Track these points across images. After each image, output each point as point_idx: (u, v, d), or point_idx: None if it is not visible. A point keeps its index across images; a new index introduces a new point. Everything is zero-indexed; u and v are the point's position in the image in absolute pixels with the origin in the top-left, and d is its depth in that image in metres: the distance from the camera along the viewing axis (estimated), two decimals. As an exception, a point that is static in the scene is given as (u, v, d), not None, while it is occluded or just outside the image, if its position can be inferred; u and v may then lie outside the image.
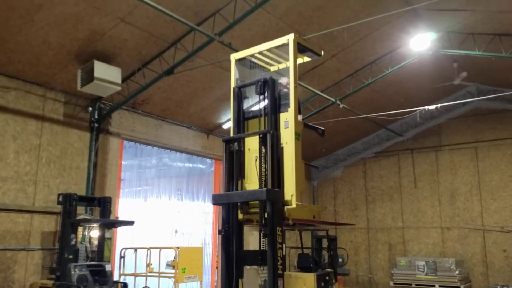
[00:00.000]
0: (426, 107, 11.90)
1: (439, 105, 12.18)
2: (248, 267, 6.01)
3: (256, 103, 6.16)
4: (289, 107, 5.81)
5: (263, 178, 5.65)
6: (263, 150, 5.65)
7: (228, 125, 12.14)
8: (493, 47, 10.39)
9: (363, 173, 16.69)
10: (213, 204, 6.00)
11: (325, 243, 13.88)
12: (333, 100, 12.18)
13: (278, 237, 5.46)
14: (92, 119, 9.95)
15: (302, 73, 10.76)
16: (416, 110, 12.25)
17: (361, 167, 16.78)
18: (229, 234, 5.93)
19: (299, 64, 6.17)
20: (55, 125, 9.29)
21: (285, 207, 5.61)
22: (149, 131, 11.18)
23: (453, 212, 14.59)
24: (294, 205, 5.58)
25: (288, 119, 5.81)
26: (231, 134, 6.12)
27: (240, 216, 5.91)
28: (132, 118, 10.79)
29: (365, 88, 12.17)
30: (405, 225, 15.44)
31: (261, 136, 5.72)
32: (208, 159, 13.35)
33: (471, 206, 14.31)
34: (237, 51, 9.02)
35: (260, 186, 5.75)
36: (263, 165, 5.62)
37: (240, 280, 5.79)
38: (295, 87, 5.83)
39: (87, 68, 8.67)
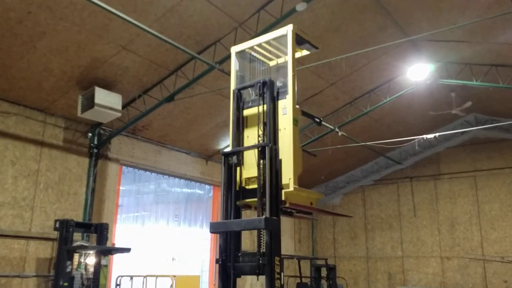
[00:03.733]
0: (424, 136, 11.95)
1: (437, 134, 12.23)
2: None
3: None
4: (287, 94, 5.91)
5: (261, 192, 5.62)
6: (261, 163, 5.66)
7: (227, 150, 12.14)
8: (490, 78, 10.51)
9: (362, 200, 16.63)
10: (211, 232, 5.94)
11: (324, 272, 13.71)
12: (332, 127, 12.24)
13: (276, 267, 5.41)
14: (92, 144, 9.97)
15: (301, 100, 10.85)
16: (414, 139, 12.30)
17: (360, 194, 16.73)
18: (227, 263, 5.87)
19: (299, 88, 6.25)
20: (54, 151, 9.30)
21: (283, 191, 5.57)
22: (148, 156, 11.19)
23: (452, 242, 14.47)
24: (291, 188, 5.54)
25: (286, 105, 5.90)
26: (230, 146, 6.15)
27: (238, 202, 5.87)
28: (131, 144, 10.82)
29: (363, 116, 12.25)
30: (404, 254, 15.29)
31: (259, 149, 5.75)
32: (206, 185, 13.32)
33: (471, 235, 14.21)
34: (237, 79, 9.14)
35: (259, 200, 5.69)
36: (261, 180, 5.61)
37: None
38: (293, 75, 5.93)
39: (88, 94, 8.74)
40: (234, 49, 6.50)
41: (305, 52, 6.59)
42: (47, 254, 8.86)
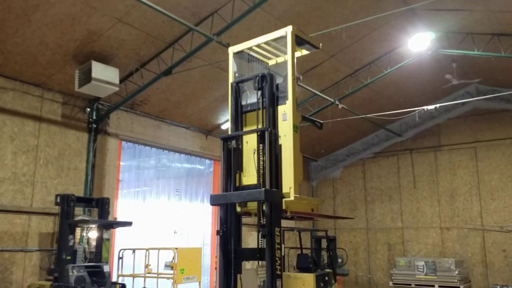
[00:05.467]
0: (425, 107, 11.89)
1: (438, 105, 12.16)
2: (247, 267, 5.99)
3: (254, 98, 6.15)
4: (287, 99, 5.80)
5: (261, 176, 5.62)
6: (261, 147, 5.63)
7: (227, 125, 12.11)
8: (492, 47, 10.38)
9: (362, 173, 16.67)
10: (211, 204, 5.97)
11: (324, 243, 13.85)
12: (332, 100, 12.17)
13: (276, 238, 5.44)
14: (90, 120, 9.92)
15: (300, 73, 10.70)
16: (415, 110, 12.24)
17: (360, 167, 16.76)
18: (227, 234, 5.91)
19: (299, 60, 6.15)
20: (52, 126, 9.26)
21: (283, 200, 5.59)
22: (147, 131, 11.15)
23: (452, 212, 14.57)
24: (292, 198, 5.55)
25: (286, 111, 5.80)
26: (229, 132, 6.10)
27: (238, 209, 5.89)
28: (130, 119, 10.76)
29: (364, 88, 12.16)
30: (404, 225, 15.42)
31: (259, 133, 5.70)
32: (206, 160, 13.32)
33: (471, 206, 14.29)
34: (235, 51, 9.01)
35: (258, 183, 5.72)
36: (261, 163, 5.60)
37: (238, 276, 5.75)
38: (293, 79, 5.82)
39: (85, 68, 8.64)
40: (232, 50, 6.38)
41: (305, 52, 6.47)
42: (49, 228, 8.92)
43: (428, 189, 15.14)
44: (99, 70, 8.55)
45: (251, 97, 6.14)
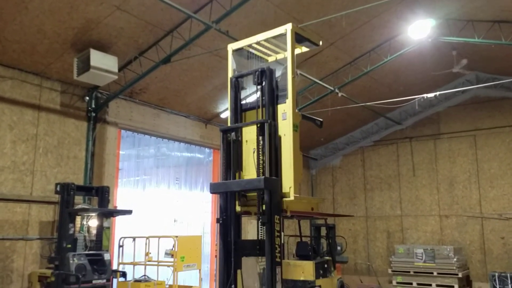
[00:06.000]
0: (425, 95, 11.86)
1: (438, 93, 12.14)
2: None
3: (253, 93, 6.12)
4: (287, 98, 5.75)
5: (261, 168, 5.63)
6: (261, 140, 5.62)
7: (226, 114, 12.05)
8: (493, 35, 10.32)
9: (361, 161, 16.69)
10: (211, 193, 5.99)
11: (323, 231, 13.92)
12: (332, 88, 12.13)
13: (276, 226, 5.46)
14: (89, 108, 9.89)
15: (300, 61, 10.69)
16: (415, 98, 12.21)
17: (359, 155, 16.78)
18: (227, 222, 5.93)
19: (298, 53, 6.11)
20: (51, 115, 9.24)
21: (283, 199, 5.60)
22: (146, 120, 11.13)
23: (451, 200, 14.62)
24: (292, 197, 5.57)
25: (286, 110, 5.75)
26: (229, 124, 6.09)
27: (238, 208, 5.90)
28: (129, 108, 10.74)
29: (363, 76, 12.11)
30: (403, 213, 15.48)
31: (258, 125, 5.68)
32: (206, 149, 13.32)
33: (470, 194, 14.34)
34: (234, 39, 8.96)
35: (258, 176, 5.73)
36: (260, 156, 5.60)
37: (238, 271, 5.79)
38: (293, 78, 5.77)
39: (83, 57, 8.59)
40: (231, 47, 6.33)
41: (305, 49, 6.42)
42: (49, 217, 8.95)
43: (427, 177, 15.17)
44: (97, 58, 8.51)
45: (251, 94, 6.13)
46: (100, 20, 8.20)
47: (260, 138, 5.65)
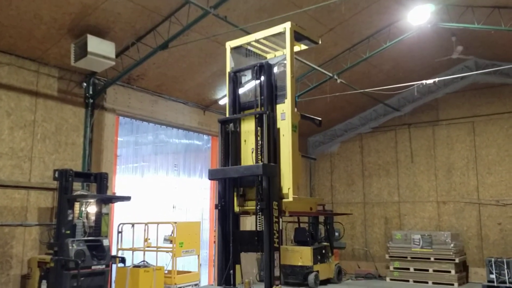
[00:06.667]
0: (424, 82, 11.82)
1: (436, 79, 12.10)
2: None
3: (251, 80, 6.10)
4: (286, 98, 5.73)
5: (259, 155, 5.63)
6: (259, 131, 5.62)
7: (224, 101, 12.05)
8: (493, 20, 10.25)
9: (360, 148, 16.71)
10: (209, 179, 6.00)
11: (321, 217, 14.00)
12: (331, 75, 12.09)
13: (274, 211, 5.48)
14: (87, 94, 9.84)
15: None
16: (413, 85, 12.18)
17: (358, 142, 16.79)
18: (226, 208, 5.95)
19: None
20: (49, 101, 9.20)
21: (282, 201, 5.62)
22: (144, 107, 11.09)
23: (449, 187, 14.68)
24: (291, 199, 5.58)
25: (284, 110, 5.73)
26: (227, 115, 6.09)
27: (236, 208, 5.91)
28: (127, 94, 10.69)
29: (362, 62, 12.06)
30: (401, 199, 15.55)
31: (257, 116, 5.68)
32: (204, 135, 13.31)
33: (467, 180, 14.39)
34: (233, 24, 8.90)
35: (256, 161, 5.74)
36: (259, 146, 5.60)
37: (237, 266, 5.81)
38: (292, 77, 5.73)
39: (81, 42, 8.53)
40: (230, 45, 6.28)
41: (303, 47, 6.37)
42: (48, 203, 8.96)
43: (425, 163, 15.21)
44: (95, 44, 8.44)
45: (249, 96, 6.10)
46: (97, 5, 8.12)
47: (259, 129, 5.64)
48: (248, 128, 5.93)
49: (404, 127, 15.79)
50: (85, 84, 9.81)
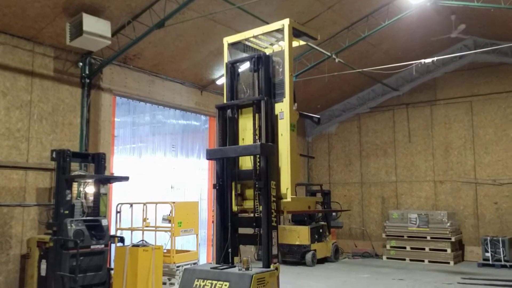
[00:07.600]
0: (422, 60, 11.75)
1: (435, 58, 12.03)
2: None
3: (247, 59, 6.06)
4: (284, 97, 5.68)
5: (257, 135, 5.63)
6: (257, 117, 5.60)
7: (222, 81, 11.97)
8: (492, -2, 10.15)
9: (357, 128, 16.71)
10: (207, 159, 6.01)
11: (319, 196, 14.08)
12: (329, 54, 11.99)
13: (272, 191, 5.51)
14: (83, 74, 9.76)
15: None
16: (412, 64, 12.11)
17: (356, 122, 16.78)
18: (224, 188, 5.98)
19: (296, 15, 6.02)
20: (45, 81, 9.12)
21: (281, 201, 5.64)
22: (141, 87, 11.02)
23: (446, 166, 14.74)
24: (289, 199, 5.60)
25: (283, 109, 5.70)
26: (224, 101, 6.08)
27: (235, 208, 5.94)
28: (124, 74, 10.61)
29: (361, 42, 11.97)
30: (398, 179, 15.62)
31: (255, 103, 5.66)
32: (202, 116, 13.26)
33: (465, 160, 14.44)
34: (229, 2, 8.78)
35: (254, 141, 5.74)
36: (256, 130, 5.60)
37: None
38: (291, 75, 5.68)
39: (76, 21, 8.41)
40: (227, 40, 6.21)
41: (302, 42, 6.30)
42: (46, 184, 8.97)
43: (423, 143, 15.24)
44: (90, 23, 8.33)
45: (247, 92, 6.06)
46: (91, -17, 7.99)
47: (257, 115, 5.63)
48: (245, 120, 5.94)
49: (402, 107, 15.77)
50: (81, 63, 9.72)
